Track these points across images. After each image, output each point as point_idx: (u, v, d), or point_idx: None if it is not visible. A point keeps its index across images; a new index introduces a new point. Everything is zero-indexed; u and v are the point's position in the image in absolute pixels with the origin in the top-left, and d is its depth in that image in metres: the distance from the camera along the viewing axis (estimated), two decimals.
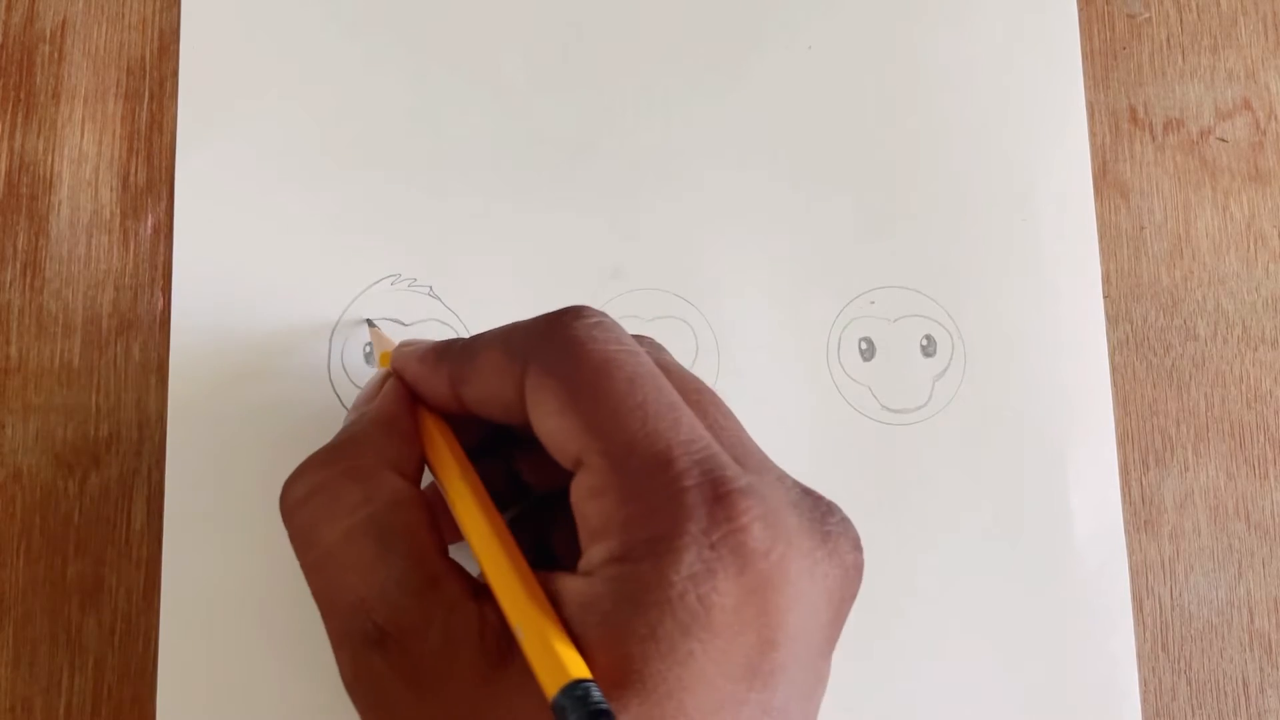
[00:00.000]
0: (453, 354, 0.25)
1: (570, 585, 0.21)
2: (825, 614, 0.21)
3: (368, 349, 0.31)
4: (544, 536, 0.26)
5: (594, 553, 0.20)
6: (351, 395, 0.31)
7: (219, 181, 0.32)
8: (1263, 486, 0.32)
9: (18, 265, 0.31)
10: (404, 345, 0.26)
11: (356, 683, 0.22)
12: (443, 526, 0.23)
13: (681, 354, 0.31)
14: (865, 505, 0.31)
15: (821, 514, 0.21)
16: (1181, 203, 0.34)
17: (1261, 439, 0.33)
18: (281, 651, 0.29)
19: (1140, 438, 0.32)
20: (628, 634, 0.19)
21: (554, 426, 0.22)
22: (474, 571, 0.23)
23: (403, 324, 0.31)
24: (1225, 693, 0.31)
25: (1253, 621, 0.32)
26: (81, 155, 0.32)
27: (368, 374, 0.31)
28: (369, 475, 0.23)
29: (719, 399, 0.24)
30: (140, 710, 0.29)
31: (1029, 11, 0.34)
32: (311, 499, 0.23)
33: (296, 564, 0.23)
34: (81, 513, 0.30)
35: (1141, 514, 0.32)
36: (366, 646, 0.21)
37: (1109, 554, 0.31)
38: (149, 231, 0.32)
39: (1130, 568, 0.31)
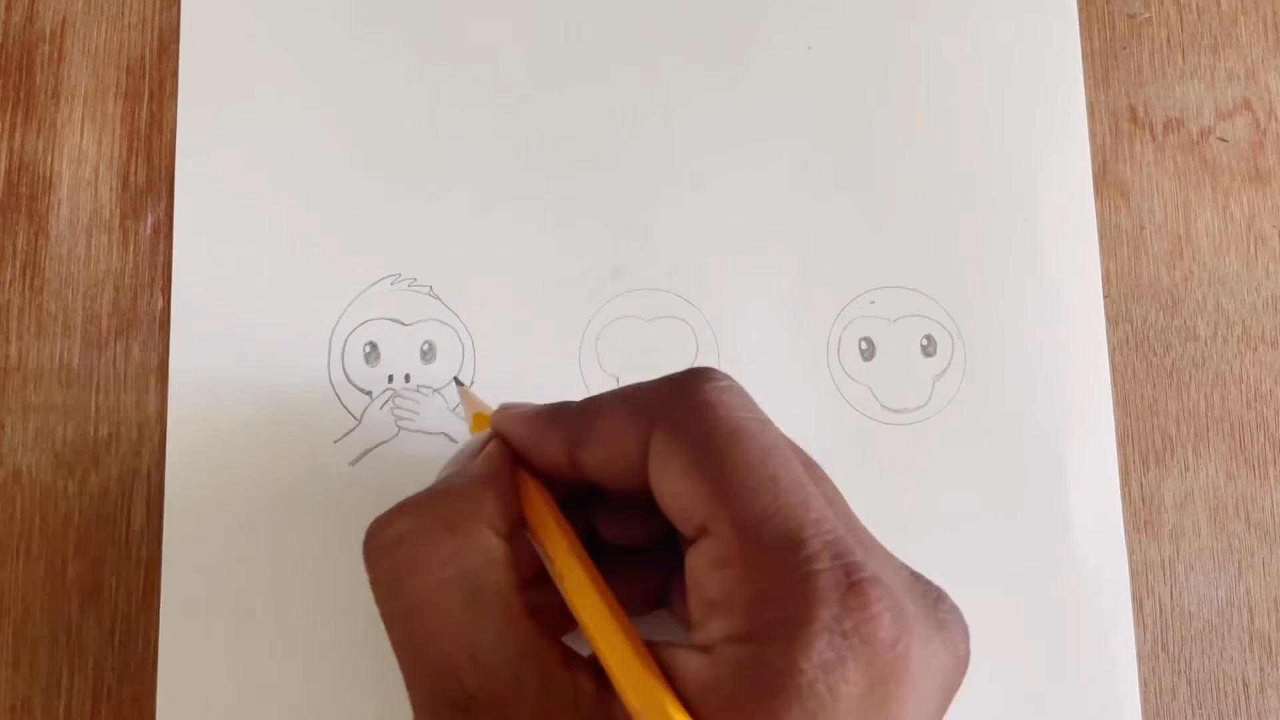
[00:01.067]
0: (569, 417, 0.24)
1: (689, 662, 0.20)
2: (935, 703, 0.21)
3: (367, 349, 0.31)
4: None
5: (714, 627, 0.20)
6: (351, 395, 0.31)
7: (219, 181, 0.32)
8: (1263, 486, 0.32)
9: (17, 265, 0.31)
10: (506, 408, 0.26)
11: None
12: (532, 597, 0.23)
13: (681, 354, 0.31)
14: (865, 505, 0.31)
15: (934, 600, 0.21)
16: (1182, 203, 0.34)
17: (1261, 439, 0.33)
18: (281, 651, 0.29)
19: (1140, 438, 0.32)
20: (753, 719, 0.19)
21: (680, 490, 0.21)
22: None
23: (403, 323, 0.31)
24: (1225, 693, 0.31)
25: (1253, 621, 0.32)
26: (81, 155, 0.32)
27: (368, 374, 0.31)
28: (466, 530, 0.22)
29: (823, 471, 0.23)
30: (140, 710, 0.29)
31: (1029, 11, 0.34)
32: (402, 546, 0.22)
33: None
34: (81, 513, 0.30)
35: (1141, 514, 0.32)
36: (452, 710, 0.21)
37: (1109, 554, 0.31)
38: (149, 231, 0.32)
39: (1130, 568, 0.31)
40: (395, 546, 0.22)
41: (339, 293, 0.31)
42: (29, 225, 0.31)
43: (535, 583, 0.24)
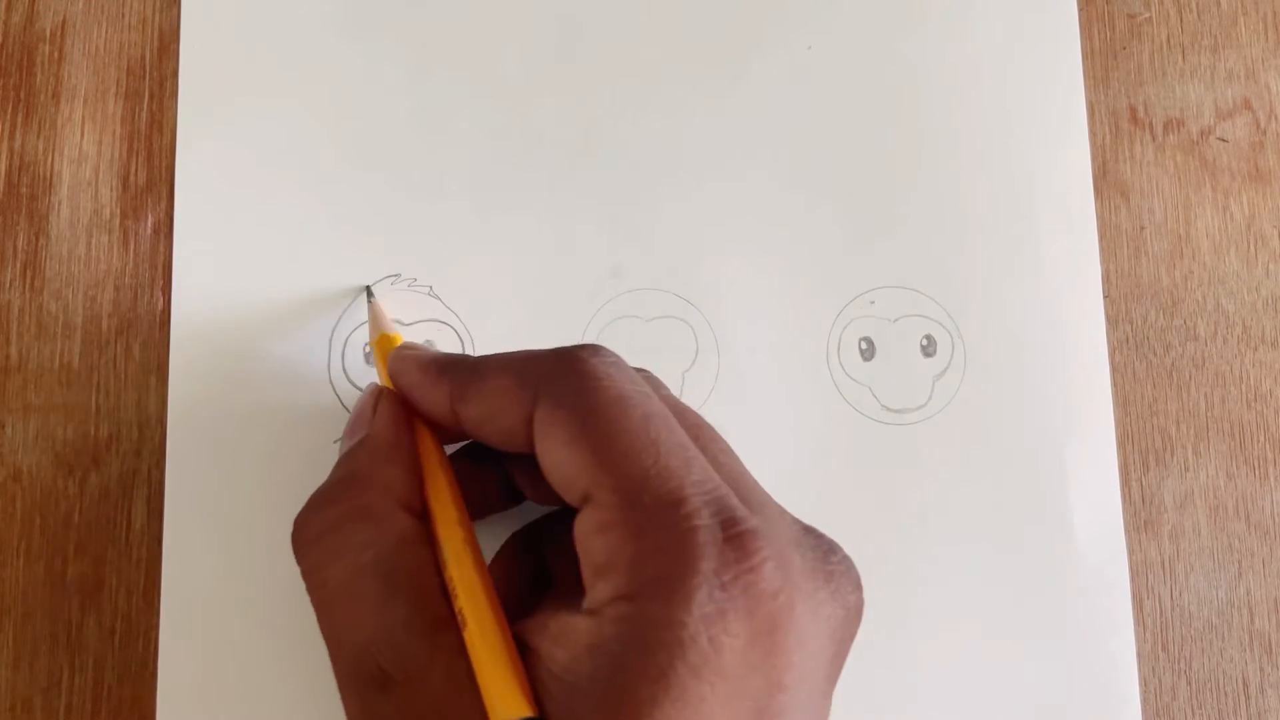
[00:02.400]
0: (457, 370, 0.24)
1: (576, 624, 0.20)
2: (828, 654, 0.21)
3: (367, 350, 0.31)
4: (541, 557, 0.26)
5: (600, 590, 0.20)
6: (351, 395, 0.31)
7: (219, 181, 0.32)
8: (1263, 486, 0.32)
9: (18, 265, 0.31)
10: (405, 349, 0.26)
11: None
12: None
13: (681, 354, 0.31)
14: (865, 505, 0.31)
15: (824, 553, 0.21)
16: (1182, 203, 0.34)
17: (1261, 439, 0.33)
18: (281, 651, 0.29)
19: (1140, 438, 0.32)
20: (638, 676, 0.19)
21: (562, 459, 0.21)
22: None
23: (403, 324, 0.31)
24: (1225, 693, 0.31)
25: (1253, 621, 0.32)
26: (81, 155, 0.32)
27: (368, 374, 0.31)
28: (376, 513, 0.23)
29: (717, 434, 0.24)
30: (140, 710, 0.29)
31: (1029, 11, 0.34)
32: (321, 539, 0.23)
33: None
34: (81, 513, 0.30)
35: (1141, 514, 0.32)
36: (372, 690, 0.21)
37: (1109, 554, 0.31)
38: (149, 231, 0.32)
39: (1130, 568, 0.31)
40: (315, 541, 0.23)
41: (339, 293, 0.31)
42: (29, 225, 0.32)
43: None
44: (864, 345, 0.32)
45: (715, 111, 0.33)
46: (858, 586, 0.22)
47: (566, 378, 0.22)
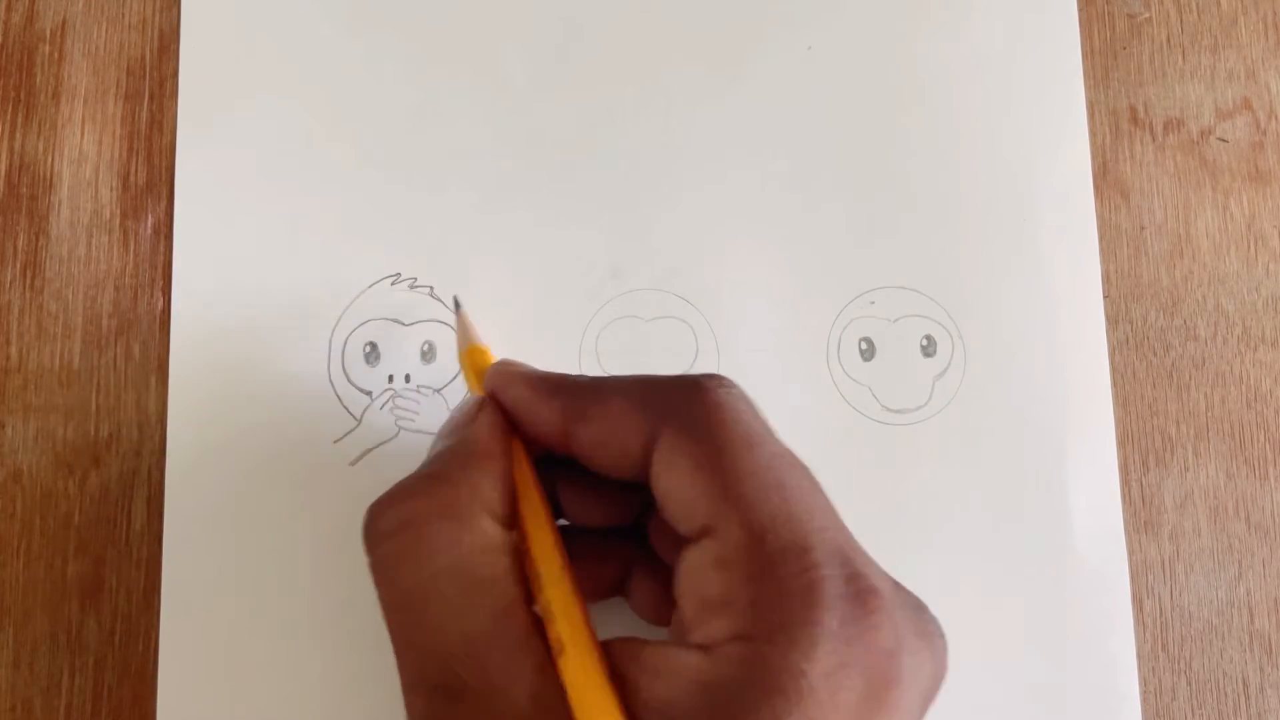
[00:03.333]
0: (574, 390, 0.24)
1: (687, 660, 0.20)
2: (918, 711, 0.21)
3: (367, 349, 0.31)
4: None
5: (714, 626, 0.20)
6: (350, 395, 0.31)
7: (219, 181, 0.32)
8: (1263, 487, 0.32)
9: (18, 265, 0.31)
10: (508, 364, 0.26)
11: None
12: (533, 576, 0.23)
13: (681, 354, 0.31)
14: (865, 505, 0.31)
15: (918, 610, 0.22)
16: (1182, 203, 0.34)
17: (1261, 439, 0.33)
18: (281, 651, 0.29)
19: (1140, 438, 0.32)
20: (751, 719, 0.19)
21: (684, 489, 0.21)
22: None
23: (403, 324, 0.31)
24: (1225, 693, 0.31)
25: (1253, 622, 0.32)
26: (81, 155, 0.32)
27: (368, 374, 0.31)
28: (460, 515, 0.22)
29: (820, 485, 0.23)
30: (140, 710, 0.29)
31: (1029, 11, 0.34)
32: (401, 533, 0.22)
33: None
34: (81, 513, 0.30)
35: (1141, 514, 0.32)
36: (443, 696, 0.21)
37: (1109, 554, 0.31)
38: (149, 231, 0.32)
39: (1130, 568, 0.31)
40: (394, 533, 0.22)
41: (339, 293, 0.31)
42: (29, 226, 0.32)
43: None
44: (864, 345, 0.32)
45: (715, 111, 0.33)
46: (945, 645, 0.22)
47: (693, 407, 0.22)
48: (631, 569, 0.26)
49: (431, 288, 0.31)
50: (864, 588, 0.20)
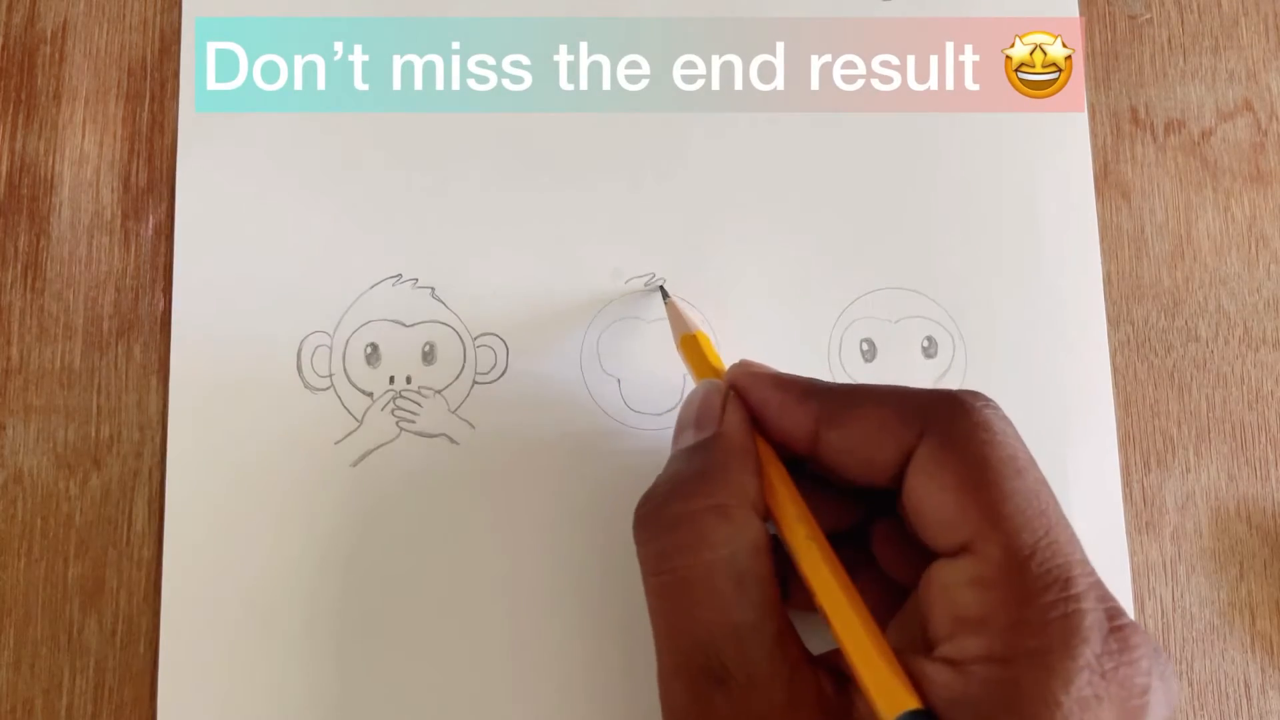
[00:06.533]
0: (827, 394, 0.24)
1: (937, 674, 0.21)
2: None
3: (368, 350, 0.31)
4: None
5: (968, 644, 0.21)
6: (352, 396, 0.31)
7: (219, 182, 0.32)
8: (1264, 488, 0.32)
9: (19, 267, 0.31)
10: (750, 364, 0.26)
11: (687, 714, 0.22)
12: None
13: None
14: None
15: (1157, 652, 0.22)
16: (1183, 203, 0.34)
17: (1263, 440, 0.33)
18: (281, 651, 0.29)
19: (1142, 439, 0.32)
20: None
21: (943, 503, 0.22)
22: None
23: (404, 325, 0.31)
24: (1227, 694, 0.31)
25: (1254, 623, 0.32)
26: (82, 156, 0.32)
27: (369, 374, 0.31)
28: (734, 515, 0.23)
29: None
30: (141, 711, 0.29)
31: (1030, 11, 0.34)
32: (676, 528, 0.23)
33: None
34: (82, 514, 0.30)
35: (1143, 515, 0.32)
36: (708, 682, 0.21)
37: (1110, 555, 0.31)
38: (150, 232, 0.32)
39: (1132, 569, 0.31)
40: (671, 528, 0.23)
41: (340, 293, 0.31)
42: (30, 227, 0.32)
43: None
44: (865, 347, 0.32)
45: (716, 112, 0.33)
46: (1179, 691, 0.23)
47: (957, 422, 0.22)
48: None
49: (434, 289, 0.31)
50: (1124, 624, 0.20)
